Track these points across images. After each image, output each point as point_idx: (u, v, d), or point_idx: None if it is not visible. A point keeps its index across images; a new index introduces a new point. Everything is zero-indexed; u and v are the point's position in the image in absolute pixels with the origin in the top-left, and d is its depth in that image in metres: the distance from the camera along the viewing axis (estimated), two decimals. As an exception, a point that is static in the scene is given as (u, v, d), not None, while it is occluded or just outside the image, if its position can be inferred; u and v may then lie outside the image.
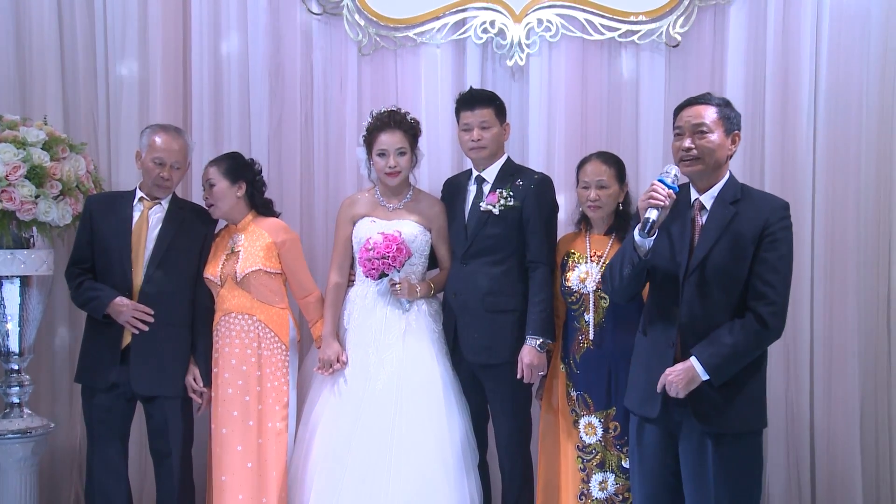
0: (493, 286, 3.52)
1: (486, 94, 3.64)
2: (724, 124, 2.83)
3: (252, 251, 3.58)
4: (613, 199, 3.43)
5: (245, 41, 4.23)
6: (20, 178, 3.60)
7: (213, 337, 3.59)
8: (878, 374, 4.07)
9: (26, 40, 4.22)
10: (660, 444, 2.90)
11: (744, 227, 2.78)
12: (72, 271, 3.55)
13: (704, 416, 2.78)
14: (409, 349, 3.58)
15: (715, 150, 2.82)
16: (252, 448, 3.51)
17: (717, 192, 2.85)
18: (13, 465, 3.74)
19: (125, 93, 4.19)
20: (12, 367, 3.81)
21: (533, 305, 3.48)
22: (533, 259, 3.51)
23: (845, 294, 4.00)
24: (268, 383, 3.57)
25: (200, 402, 3.57)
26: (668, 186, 2.77)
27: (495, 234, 3.54)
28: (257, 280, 3.57)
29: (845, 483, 4.00)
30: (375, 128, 3.63)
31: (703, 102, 2.87)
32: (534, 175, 3.60)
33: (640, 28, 4.13)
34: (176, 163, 3.54)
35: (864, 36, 4.00)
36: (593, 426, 3.42)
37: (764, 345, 2.81)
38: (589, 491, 3.41)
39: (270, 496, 3.50)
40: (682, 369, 2.78)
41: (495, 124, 3.56)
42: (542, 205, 3.53)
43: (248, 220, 3.66)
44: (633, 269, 2.87)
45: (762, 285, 2.75)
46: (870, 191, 4.04)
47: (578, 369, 3.43)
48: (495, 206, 3.54)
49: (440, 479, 3.44)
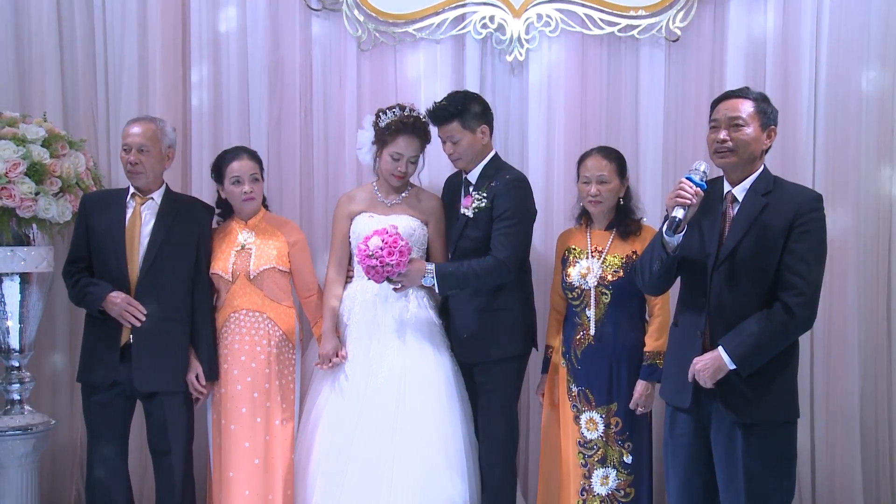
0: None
1: (447, 110, 3.54)
2: (760, 118, 2.85)
3: (265, 249, 3.60)
4: (614, 194, 3.43)
5: (244, 37, 4.22)
6: (20, 174, 3.60)
7: (219, 332, 3.59)
8: (878, 373, 4.07)
9: (25, 37, 4.21)
10: (692, 434, 2.91)
11: (774, 219, 2.78)
12: (68, 270, 3.55)
13: (734, 405, 2.79)
14: (411, 343, 3.59)
15: (750, 143, 2.83)
16: (260, 444, 3.52)
17: (749, 184, 2.86)
18: (14, 462, 3.74)
19: (124, 89, 4.18)
20: (13, 364, 3.82)
21: (461, 263, 3.47)
22: (490, 249, 3.48)
23: (845, 292, 4.00)
24: (276, 381, 3.59)
25: (201, 397, 3.57)
26: (695, 184, 2.78)
27: (475, 237, 3.54)
28: (270, 278, 3.60)
29: (846, 482, 4.01)
30: (396, 129, 3.60)
31: (741, 96, 2.88)
32: (506, 175, 3.57)
33: (639, 23, 4.13)
34: (141, 146, 3.49)
35: (863, 30, 4.00)
36: (594, 422, 3.42)
37: (791, 335, 2.80)
38: (590, 486, 3.42)
39: (276, 492, 3.52)
40: (710, 358, 2.80)
41: (465, 134, 3.53)
42: (507, 203, 3.48)
43: (260, 217, 3.68)
44: (661, 266, 2.89)
45: (791, 275, 2.75)
46: (870, 185, 4.04)
47: (580, 365, 3.44)
48: (469, 209, 3.55)
49: (443, 472, 3.46)
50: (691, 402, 2.88)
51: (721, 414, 2.82)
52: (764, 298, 2.79)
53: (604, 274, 3.40)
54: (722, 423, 2.82)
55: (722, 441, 2.82)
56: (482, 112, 3.59)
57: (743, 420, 2.78)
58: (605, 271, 3.40)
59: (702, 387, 2.83)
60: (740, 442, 2.77)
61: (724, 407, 2.80)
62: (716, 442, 2.85)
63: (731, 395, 2.79)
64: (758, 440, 2.77)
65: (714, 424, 2.85)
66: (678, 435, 2.95)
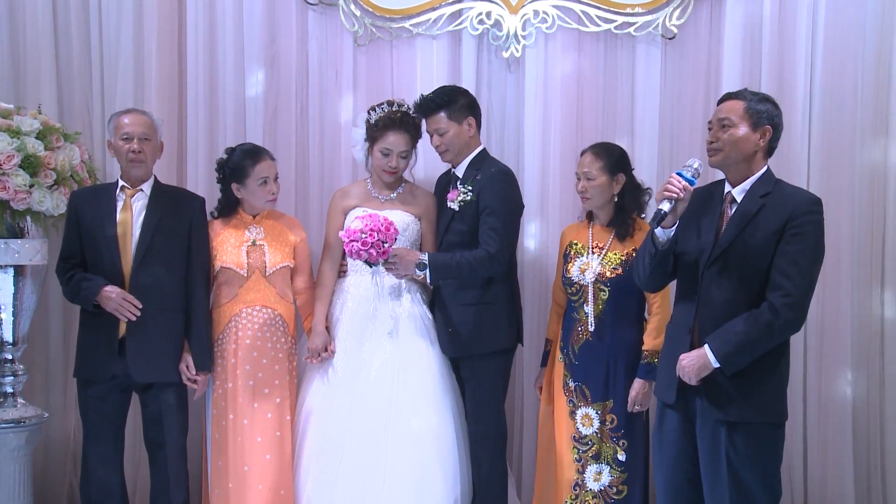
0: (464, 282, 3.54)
1: (434, 101, 3.58)
2: (751, 118, 2.84)
3: (278, 247, 3.64)
4: (601, 190, 3.42)
5: (241, 31, 4.20)
6: (14, 167, 3.59)
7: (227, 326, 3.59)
8: (871, 373, 4.07)
9: (20, 28, 4.19)
10: (679, 431, 2.92)
11: (769, 220, 2.79)
12: (62, 267, 3.54)
13: (718, 403, 2.80)
14: (403, 338, 3.59)
15: (737, 143, 2.84)
16: (272, 440, 3.54)
17: (748, 185, 2.87)
18: (7, 455, 3.73)
19: (120, 82, 4.16)
20: (6, 357, 3.81)
21: (454, 253, 3.48)
22: (480, 243, 3.49)
23: (838, 290, 4.00)
24: (286, 376, 3.62)
25: (196, 387, 3.56)
26: (685, 179, 2.79)
27: (461, 231, 3.55)
28: (282, 275, 3.65)
29: (837, 483, 4.02)
30: (385, 125, 3.62)
31: (735, 97, 2.90)
32: (491, 168, 3.58)
33: (636, 20, 4.13)
34: (143, 134, 3.50)
35: (859, 29, 4.00)
36: (590, 417, 3.43)
37: (777, 336, 2.79)
38: (583, 481, 3.42)
39: (287, 487, 3.54)
40: (696, 356, 2.81)
41: (451, 126, 3.55)
42: (493, 196, 3.49)
43: (266, 213, 3.69)
44: (651, 260, 2.91)
45: (780, 277, 2.75)
46: (864, 185, 4.04)
47: (577, 360, 3.44)
48: (455, 202, 3.56)
49: (435, 467, 3.46)
50: (677, 398, 2.89)
51: (706, 411, 2.83)
52: (753, 298, 2.79)
53: (603, 271, 3.40)
54: (707, 420, 2.83)
55: (706, 438, 2.83)
56: (469, 105, 3.61)
57: (727, 418, 2.78)
58: (605, 268, 3.40)
59: (687, 383, 2.84)
60: (724, 439, 2.78)
61: (709, 404, 2.81)
62: (701, 438, 2.86)
63: (716, 393, 2.80)
64: (741, 439, 2.78)
65: (699, 421, 2.86)
66: (665, 431, 2.96)
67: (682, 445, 2.92)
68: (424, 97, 3.62)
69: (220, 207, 3.72)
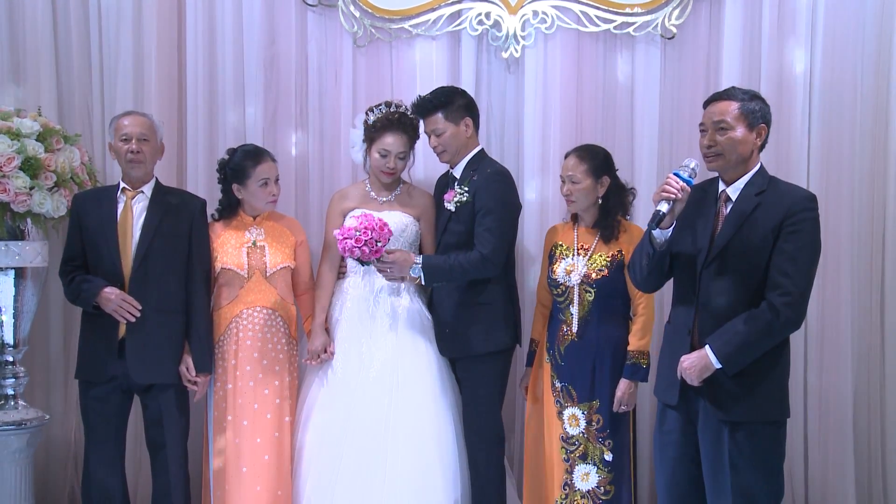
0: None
1: (431, 101, 3.59)
2: (746, 118, 2.83)
3: (279, 248, 3.65)
4: (585, 193, 3.43)
5: (240, 32, 4.20)
6: (14, 169, 3.60)
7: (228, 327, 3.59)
8: (871, 370, 4.08)
9: (20, 30, 4.19)
10: (680, 431, 2.92)
11: (765, 218, 2.78)
12: (64, 269, 3.55)
13: (720, 403, 2.79)
14: (402, 338, 3.60)
15: (737, 146, 2.82)
16: (270, 441, 3.54)
17: (743, 184, 2.86)
18: (8, 457, 3.73)
19: (120, 84, 4.16)
20: (7, 359, 3.81)
21: (448, 256, 3.49)
22: (475, 244, 3.49)
23: (838, 291, 4.00)
24: (286, 377, 3.63)
25: (196, 389, 3.56)
26: (682, 179, 2.78)
27: (458, 231, 3.55)
28: (283, 276, 3.66)
29: (838, 481, 4.02)
30: (383, 126, 3.64)
31: (726, 98, 2.87)
32: (488, 169, 3.58)
33: (635, 20, 4.13)
34: (142, 135, 3.51)
35: (858, 28, 4.00)
36: (577, 418, 3.43)
37: (777, 335, 2.78)
38: (572, 482, 3.43)
39: (285, 488, 3.55)
40: (697, 357, 2.80)
41: (448, 126, 3.56)
42: (489, 197, 3.49)
43: (266, 214, 3.70)
44: (649, 261, 2.90)
45: (778, 275, 2.74)
46: (864, 183, 4.05)
47: (563, 361, 3.45)
48: (451, 203, 3.56)
49: (436, 467, 3.47)
50: (679, 399, 2.89)
51: (708, 411, 2.82)
52: (752, 297, 2.78)
53: (588, 272, 3.41)
54: (709, 421, 2.83)
55: (709, 438, 2.83)
56: (466, 105, 3.61)
57: (729, 418, 2.78)
58: (590, 269, 3.41)
59: (688, 384, 2.84)
60: (727, 440, 2.78)
61: (711, 404, 2.81)
62: (703, 439, 2.85)
63: (719, 393, 2.80)
64: (744, 438, 2.77)
65: (701, 421, 2.86)
66: (666, 431, 2.96)
67: (683, 445, 2.92)
68: (422, 98, 3.63)
69: (221, 208, 3.73)
